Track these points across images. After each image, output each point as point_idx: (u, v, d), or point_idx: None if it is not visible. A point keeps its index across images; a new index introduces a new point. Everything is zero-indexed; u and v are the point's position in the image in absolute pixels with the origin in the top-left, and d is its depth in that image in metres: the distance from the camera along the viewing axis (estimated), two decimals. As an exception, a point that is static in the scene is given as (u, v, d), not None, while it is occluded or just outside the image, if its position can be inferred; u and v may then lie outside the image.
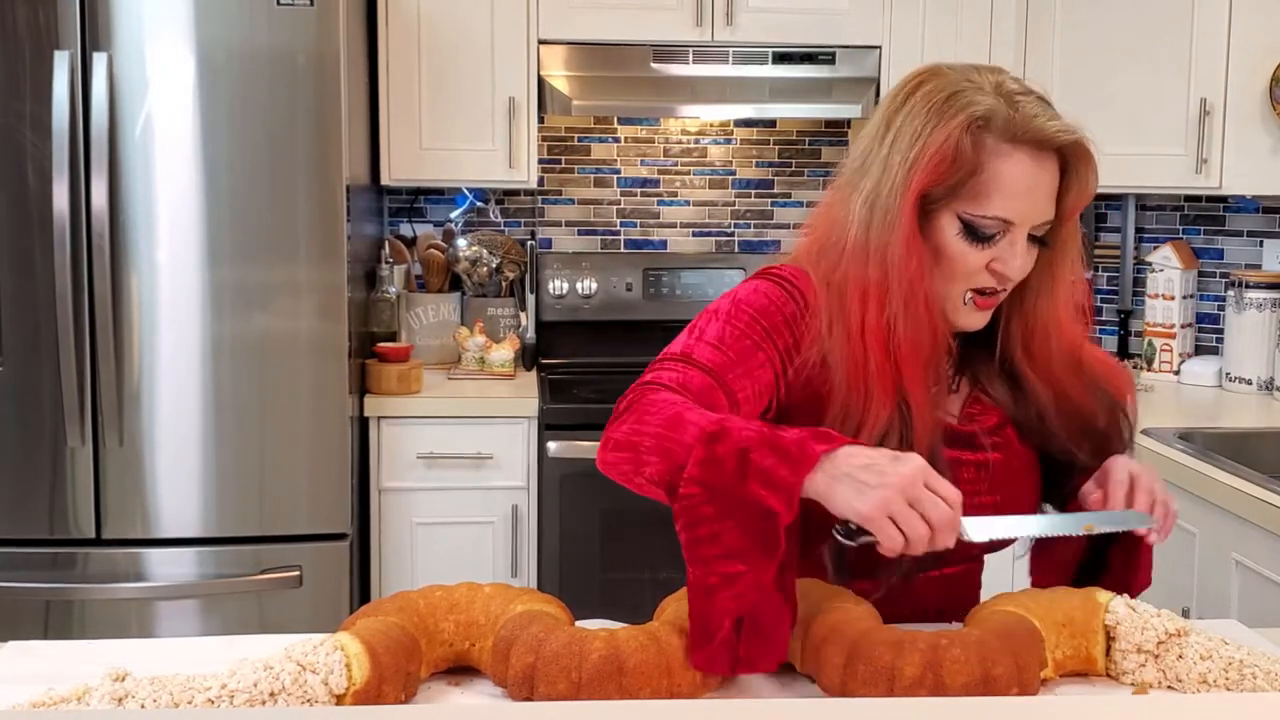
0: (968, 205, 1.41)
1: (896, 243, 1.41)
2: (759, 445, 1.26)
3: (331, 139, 2.83)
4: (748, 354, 1.45)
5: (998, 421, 1.54)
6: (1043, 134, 1.38)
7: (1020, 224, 1.41)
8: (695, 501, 1.28)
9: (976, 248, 1.42)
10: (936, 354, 1.46)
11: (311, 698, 1.18)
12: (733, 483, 1.26)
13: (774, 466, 1.25)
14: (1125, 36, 3.28)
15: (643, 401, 1.39)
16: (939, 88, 1.43)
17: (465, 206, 3.75)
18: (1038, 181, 1.40)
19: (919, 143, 1.40)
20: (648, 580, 3.17)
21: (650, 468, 1.34)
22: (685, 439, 1.30)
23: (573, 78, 3.37)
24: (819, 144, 3.83)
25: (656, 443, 1.33)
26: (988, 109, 1.39)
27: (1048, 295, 1.49)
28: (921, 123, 1.41)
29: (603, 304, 3.68)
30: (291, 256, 2.85)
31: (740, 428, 1.29)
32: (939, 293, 1.45)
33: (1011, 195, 1.39)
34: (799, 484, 1.25)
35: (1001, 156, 1.39)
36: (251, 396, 2.86)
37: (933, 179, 1.40)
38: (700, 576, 1.27)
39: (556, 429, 3.14)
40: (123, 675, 1.19)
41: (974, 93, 1.41)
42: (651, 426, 1.34)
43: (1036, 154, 1.39)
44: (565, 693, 1.24)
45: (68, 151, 2.72)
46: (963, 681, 1.24)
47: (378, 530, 3.17)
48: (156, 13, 2.74)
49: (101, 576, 2.86)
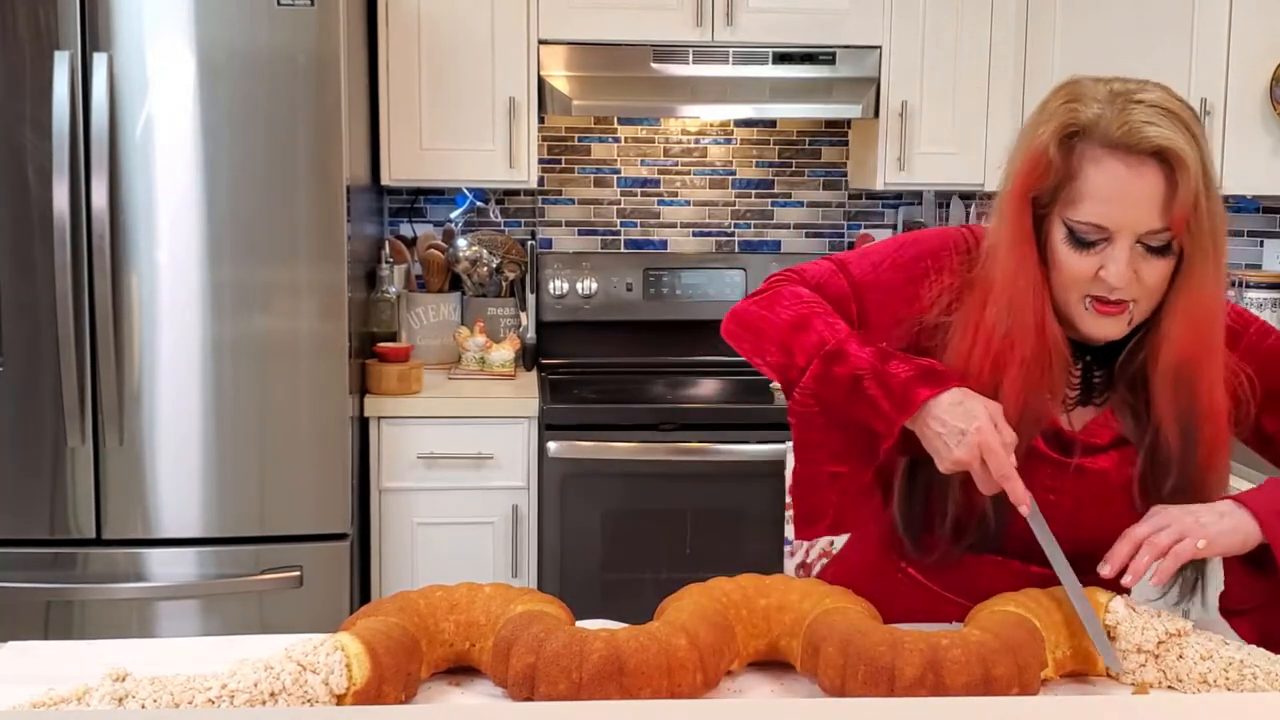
0: (1068, 210, 1.42)
1: (1003, 243, 1.47)
2: (871, 375, 1.43)
3: (332, 139, 2.83)
4: (899, 286, 1.55)
5: (1110, 440, 1.52)
6: (1130, 140, 1.37)
7: (1118, 230, 1.40)
8: (810, 410, 1.49)
9: (1081, 254, 1.42)
10: (1043, 361, 1.46)
11: (312, 698, 1.18)
12: (844, 402, 1.45)
13: (880, 399, 1.42)
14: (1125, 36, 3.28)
15: (780, 290, 1.56)
16: (1056, 94, 1.46)
17: (465, 206, 3.75)
18: (1131, 188, 1.38)
19: (1022, 147, 1.47)
20: (648, 580, 3.17)
21: (770, 356, 1.54)
22: (805, 342, 1.48)
23: (573, 78, 3.37)
24: (819, 144, 3.83)
25: (779, 336, 1.52)
26: (1081, 115, 1.40)
27: (1169, 309, 1.45)
28: (1029, 127, 1.47)
29: (603, 304, 3.68)
30: (292, 256, 2.85)
31: (857, 352, 1.45)
32: (1060, 299, 1.46)
33: (1102, 200, 1.39)
34: (899, 423, 1.42)
35: (1095, 162, 1.40)
36: (252, 396, 2.86)
37: (1028, 183, 1.44)
38: (809, 473, 1.53)
39: (557, 429, 3.14)
40: (123, 675, 1.19)
41: (1081, 101, 1.42)
42: (780, 318, 1.52)
43: (1131, 160, 1.38)
44: (566, 693, 1.24)
45: (68, 152, 2.72)
46: (963, 681, 1.24)
47: (378, 530, 3.17)
48: (157, 13, 2.74)
49: (102, 576, 2.86)
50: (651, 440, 3.15)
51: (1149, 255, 1.41)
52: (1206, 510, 1.41)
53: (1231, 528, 1.40)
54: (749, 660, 1.38)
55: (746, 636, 1.36)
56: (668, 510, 3.19)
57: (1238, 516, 1.41)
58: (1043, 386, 1.48)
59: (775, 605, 1.38)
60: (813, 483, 1.54)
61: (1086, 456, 1.52)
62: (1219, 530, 1.39)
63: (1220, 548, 1.40)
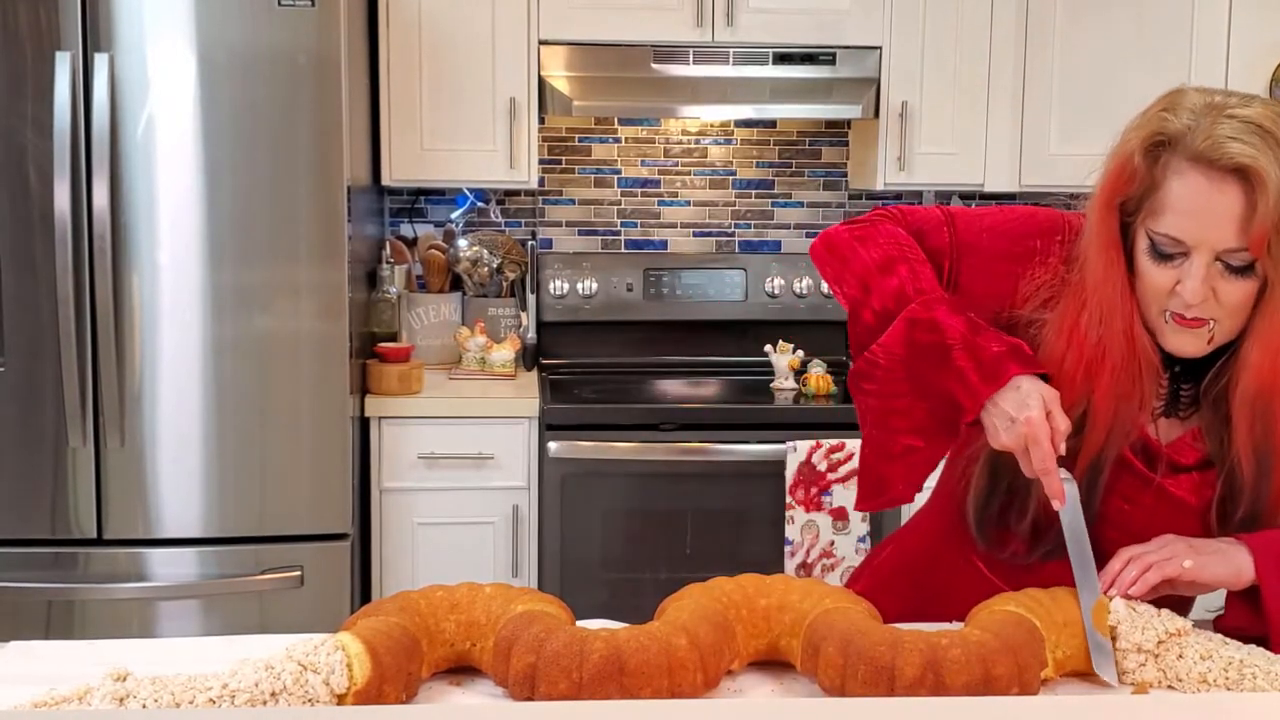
0: (1150, 220, 1.40)
1: (1092, 248, 1.45)
2: (961, 346, 1.42)
3: (332, 139, 2.83)
4: (1000, 257, 1.54)
5: (1195, 461, 1.50)
6: (1212, 154, 1.35)
7: (1195, 246, 1.37)
8: (895, 375, 1.47)
9: (1161, 266, 1.40)
10: (1133, 370, 1.45)
11: (313, 698, 1.18)
12: (931, 372, 1.44)
13: (969, 370, 1.41)
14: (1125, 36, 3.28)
15: (878, 226, 1.56)
16: (1157, 101, 1.44)
17: (466, 207, 3.75)
18: (1211, 202, 1.35)
19: (1112, 152, 1.45)
20: (648, 580, 3.17)
21: (848, 288, 1.53)
22: (885, 286, 1.48)
23: (573, 78, 3.37)
24: (819, 144, 3.84)
25: (862, 271, 1.51)
26: (1169, 125, 1.39)
27: (1249, 333, 1.42)
28: (1124, 132, 1.45)
29: (603, 304, 3.68)
30: (292, 257, 2.85)
31: (948, 319, 1.44)
32: (1144, 309, 1.44)
33: (1181, 213, 1.37)
34: (986, 396, 1.40)
35: (1178, 174, 1.37)
36: (252, 397, 2.86)
37: (1114, 189, 1.43)
38: (884, 442, 1.50)
39: (557, 429, 3.14)
40: (124, 675, 1.19)
41: (1174, 110, 1.40)
42: (869, 254, 1.52)
43: (1212, 175, 1.35)
44: (566, 693, 1.24)
45: (69, 152, 2.72)
46: (963, 681, 1.24)
47: (379, 530, 3.17)
48: (158, 13, 2.74)
49: (103, 576, 2.86)
50: (652, 440, 3.15)
51: (1229, 274, 1.38)
52: (1207, 541, 1.42)
53: (1224, 559, 1.40)
54: (749, 660, 1.38)
55: (747, 636, 1.36)
56: (668, 510, 3.19)
57: (1234, 551, 1.41)
58: (1133, 395, 1.46)
59: (775, 605, 1.38)
60: (886, 453, 1.51)
61: (1170, 476, 1.49)
62: (1210, 556, 1.39)
63: (1209, 575, 1.39)
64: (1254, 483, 1.45)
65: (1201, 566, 1.38)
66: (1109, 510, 1.50)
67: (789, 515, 3.11)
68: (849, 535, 3.12)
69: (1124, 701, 1.28)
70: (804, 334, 3.56)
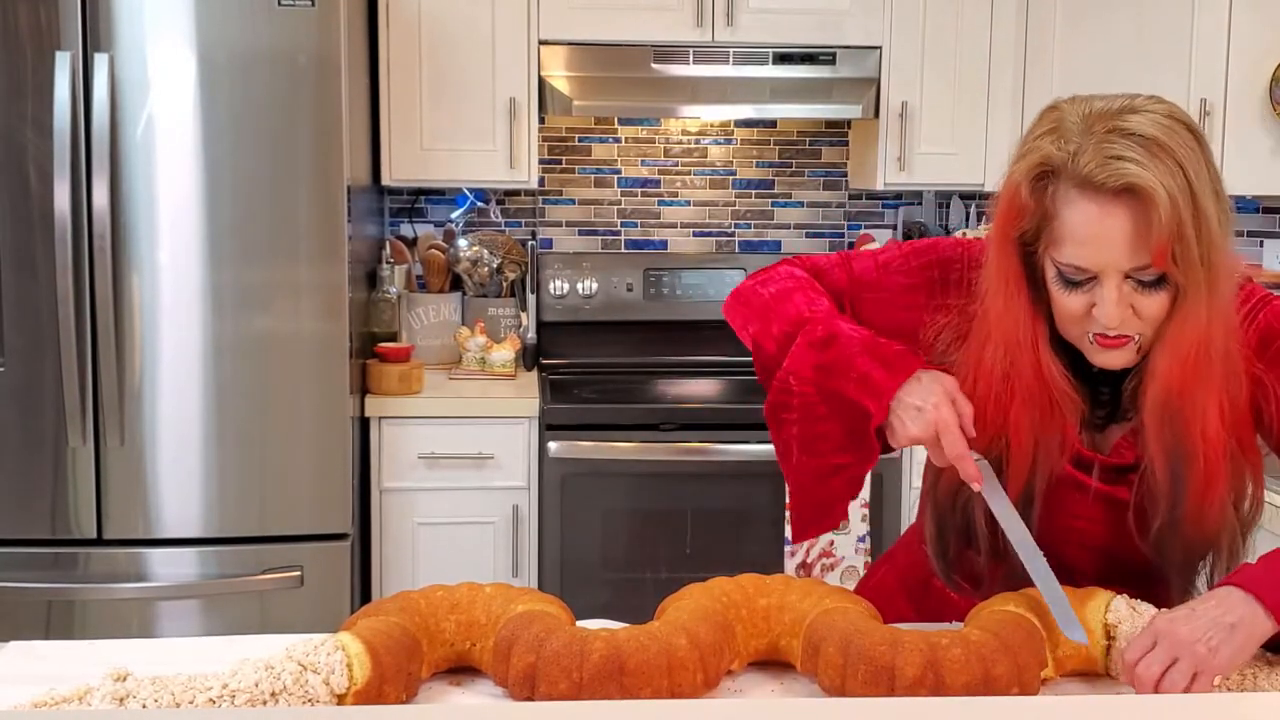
0: (1052, 250, 1.37)
1: (991, 283, 1.43)
2: (862, 350, 1.42)
3: (332, 139, 2.83)
4: (900, 290, 1.54)
5: (1132, 462, 1.46)
6: (1097, 177, 1.30)
7: (1101, 270, 1.33)
8: (810, 400, 1.46)
9: (1072, 292, 1.36)
10: (1044, 402, 1.42)
11: (313, 698, 1.18)
12: (840, 385, 1.43)
13: (873, 371, 1.41)
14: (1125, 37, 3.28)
15: (776, 268, 1.59)
16: (1038, 122, 1.40)
17: (466, 207, 3.75)
18: (1105, 228, 1.31)
19: (1000, 188, 1.41)
20: (648, 580, 3.18)
21: (751, 325, 1.55)
22: (785, 311, 1.50)
23: (573, 78, 3.37)
24: (819, 144, 3.84)
25: (763, 305, 1.54)
26: (1052, 155, 1.34)
27: (1157, 341, 1.38)
28: (1012, 160, 1.41)
29: (603, 304, 3.68)
30: (292, 257, 2.85)
31: (845, 331, 1.45)
32: (1065, 334, 1.41)
33: (1078, 242, 1.33)
34: (893, 390, 1.39)
35: (1068, 203, 1.34)
36: (253, 397, 2.86)
37: (1006, 225, 1.39)
38: (817, 466, 1.49)
39: (557, 429, 3.14)
40: (124, 675, 1.19)
41: (1057, 132, 1.35)
42: (767, 290, 1.55)
43: (1101, 198, 1.31)
44: (566, 693, 1.24)
45: (69, 152, 2.72)
46: (963, 681, 1.24)
47: (379, 530, 3.17)
48: (157, 13, 2.74)
49: (103, 576, 2.86)
50: (652, 440, 3.15)
51: (1143, 289, 1.34)
52: (1214, 625, 1.28)
53: (1242, 643, 1.28)
54: (749, 660, 1.38)
55: (747, 636, 1.36)
56: (668, 510, 3.19)
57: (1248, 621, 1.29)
58: (1051, 424, 1.43)
59: (775, 605, 1.38)
60: (820, 476, 1.50)
61: (1111, 483, 1.46)
62: (1232, 652, 1.28)
63: (1235, 669, 1.30)
64: (1169, 489, 1.41)
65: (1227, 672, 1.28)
66: (1060, 529, 1.47)
67: (789, 515, 3.10)
68: (848, 535, 3.12)
69: (1124, 701, 1.28)
70: (804, 334, 3.56)
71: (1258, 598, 1.30)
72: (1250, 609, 1.29)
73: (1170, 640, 1.28)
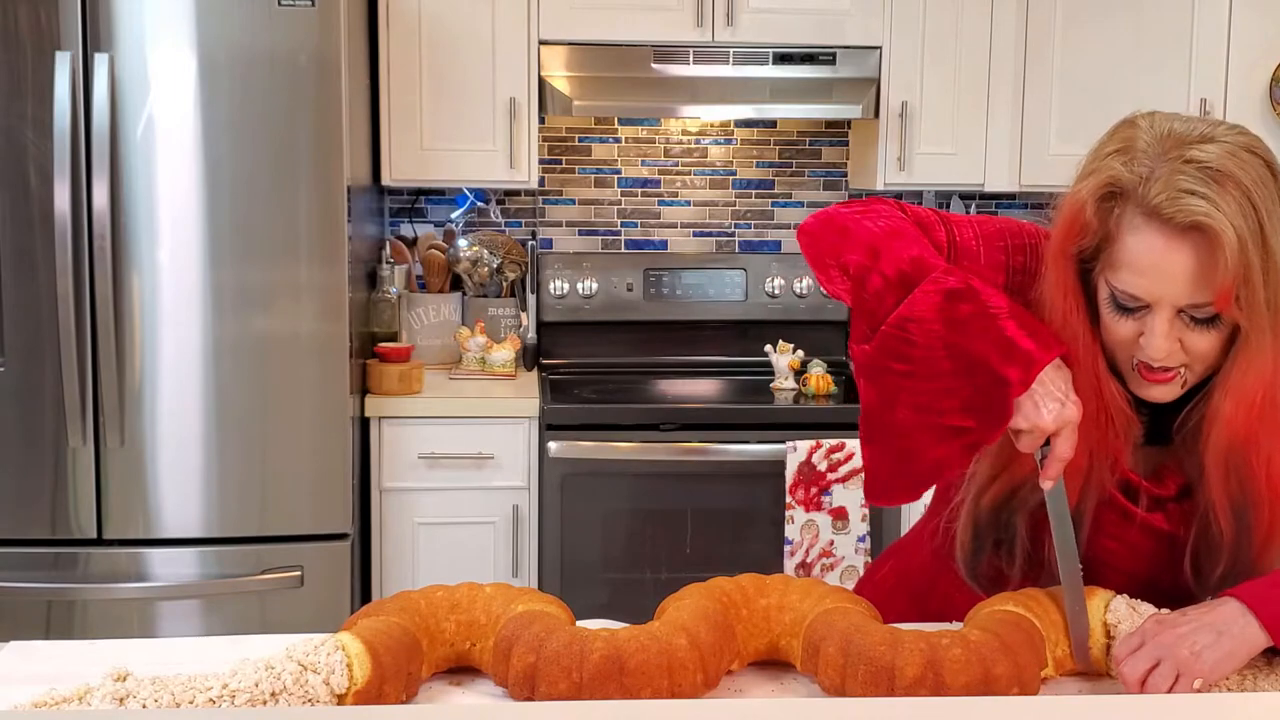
0: (1109, 273, 1.32)
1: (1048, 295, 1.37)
2: (1009, 315, 1.30)
3: (332, 139, 2.83)
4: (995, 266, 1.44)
5: (1177, 491, 1.43)
6: (1165, 210, 1.25)
7: (1156, 303, 1.29)
8: (936, 353, 1.31)
9: (1123, 318, 1.32)
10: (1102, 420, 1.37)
11: (313, 698, 1.18)
12: (974, 345, 1.29)
13: (1021, 338, 1.29)
14: (1125, 36, 3.28)
15: (876, 205, 1.44)
16: (1111, 137, 1.34)
17: (466, 207, 3.75)
18: (1167, 261, 1.26)
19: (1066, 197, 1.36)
20: (648, 580, 3.18)
21: (853, 254, 1.37)
22: (897, 250, 1.34)
23: (573, 78, 3.37)
24: (819, 144, 3.84)
25: (870, 237, 1.37)
26: (1121, 176, 1.29)
27: (1220, 385, 1.33)
28: (1080, 173, 1.36)
29: (603, 304, 3.68)
30: (293, 257, 2.85)
31: (986, 289, 1.32)
32: (1112, 357, 1.37)
33: (1137, 271, 1.28)
34: (1045, 363, 1.28)
35: (1133, 230, 1.29)
36: (253, 397, 2.86)
37: (1067, 239, 1.34)
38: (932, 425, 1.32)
39: (557, 429, 3.14)
40: (124, 675, 1.19)
41: (1129, 153, 1.30)
42: (875, 224, 1.39)
43: (1168, 231, 1.26)
44: (566, 693, 1.24)
45: (69, 152, 2.72)
46: (963, 681, 1.24)
47: (379, 530, 3.17)
48: (158, 13, 2.74)
49: (103, 576, 2.86)
50: (652, 440, 3.15)
51: (1195, 326, 1.30)
52: (1205, 629, 1.28)
53: (1229, 651, 1.27)
54: (749, 660, 1.38)
55: (747, 636, 1.36)
56: (668, 510, 3.19)
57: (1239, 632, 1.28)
58: (1105, 444, 1.38)
59: (775, 605, 1.38)
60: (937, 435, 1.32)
61: (1154, 511, 1.43)
62: (1217, 659, 1.27)
63: (1220, 676, 1.28)
64: (1233, 539, 1.38)
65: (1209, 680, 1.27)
66: (1098, 550, 1.45)
67: (789, 515, 3.11)
68: (848, 535, 3.12)
69: (1124, 701, 1.28)
70: (804, 334, 3.57)
71: (1253, 611, 1.28)
72: (1244, 620, 1.28)
73: (1156, 642, 1.28)
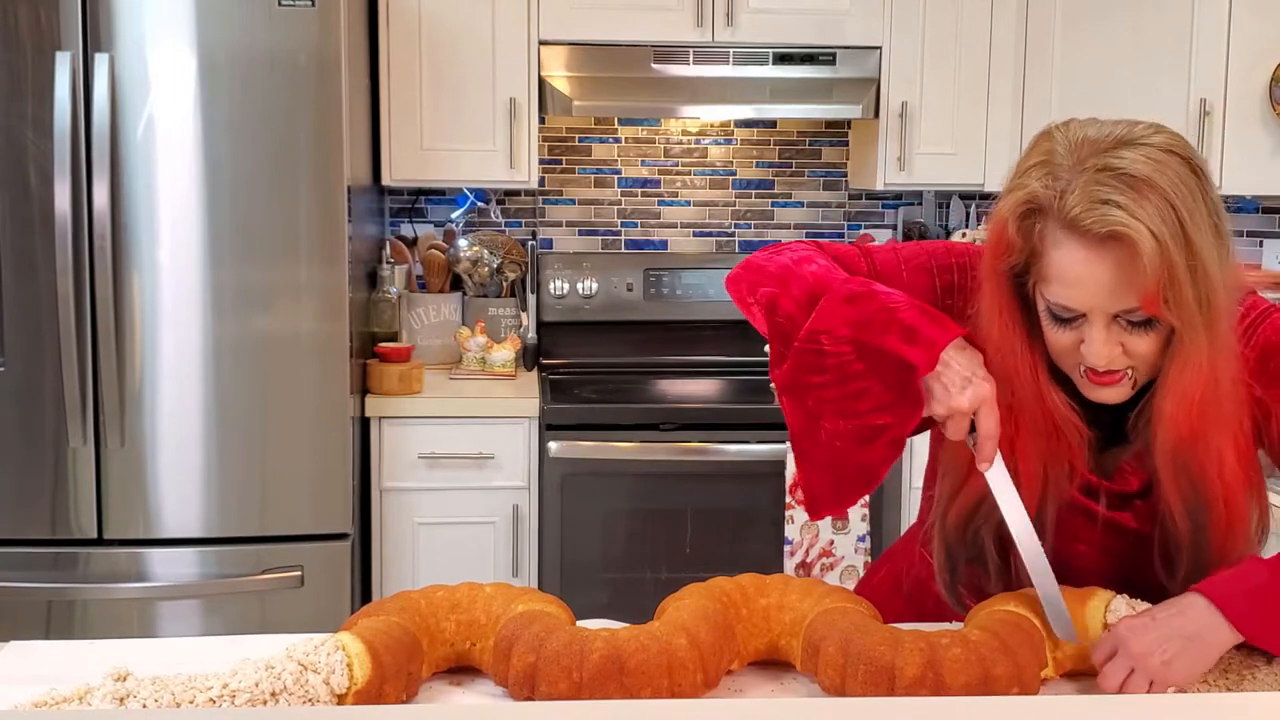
0: (1042, 285, 1.34)
1: (985, 312, 1.39)
2: (908, 306, 1.36)
3: (333, 139, 2.83)
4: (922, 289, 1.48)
5: (1140, 486, 1.43)
6: (1084, 222, 1.27)
7: (1089, 311, 1.31)
8: (846, 357, 1.36)
9: (1062, 329, 1.34)
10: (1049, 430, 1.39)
11: (313, 697, 1.18)
12: (878, 339, 1.34)
13: (922, 326, 1.33)
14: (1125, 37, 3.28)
15: (790, 244, 1.53)
16: (1030, 152, 1.36)
17: (466, 207, 3.75)
18: (1090, 271, 1.28)
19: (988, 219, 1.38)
20: (648, 580, 3.18)
21: (765, 287, 1.46)
22: (806, 274, 1.42)
23: (573, 78, 3.37)
24: (819, 144, 3.84)
25: (780, 270, 1.46)
26: (1039, 193, 1.30)
27: (1160, 387, 1.34)
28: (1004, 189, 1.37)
29: (603, 304, 3.68)
30: (293, 257, 2.85)
31: (885, 290, 1.38)
32: (1059, 365, 1.38)
33: (1066, 283, 1.30)
34: (944, 344, 1.32)
35: (1055, 244, 1.30)
36: (253, 397, 2.86)
37: (995, 258, 1.36)
38: (856, 429, 1.37)
39: (557, 429, 3.14)
40: (124, 675, 1.19)
41: (1047, 166, 1.31)
42: (784, 258, 1.48)
43: (1088, 241, 1.27)
44: (566, 692, 1.24)
45: (69, 152, 2.72)
46: (963, 681, 1.24)
47: (379, 530, 3.17)
48: (158, 13, 2.74)
49: (103, 576, 2.86)
50: (652, 440, 3.15)
51: (1133, 329, 1.31)
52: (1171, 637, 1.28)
53: (1200, 654, 1.28)
54: (749, 660, 1.38)
55: (746, 636, 1.37)
56: (668, 510, 3.19)
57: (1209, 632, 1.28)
58: (1059, 452, 1.40)
59: (775, 604, 1.38)
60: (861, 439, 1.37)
61: (1117, 510, 1.44)
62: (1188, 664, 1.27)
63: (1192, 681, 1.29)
64: (1190, 538, 1.39)
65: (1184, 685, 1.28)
66: (1068, 555, 1.45)
67: (789, 515, 3.11)
68: (848, 535, 3.12)
69: (1124, 701, 1.28)
70: (804, 334, 3.56)
71: (1221, 609, 1.27)
72: (1212, 619, 1.28)
73: (1126, 651, 1.28)
